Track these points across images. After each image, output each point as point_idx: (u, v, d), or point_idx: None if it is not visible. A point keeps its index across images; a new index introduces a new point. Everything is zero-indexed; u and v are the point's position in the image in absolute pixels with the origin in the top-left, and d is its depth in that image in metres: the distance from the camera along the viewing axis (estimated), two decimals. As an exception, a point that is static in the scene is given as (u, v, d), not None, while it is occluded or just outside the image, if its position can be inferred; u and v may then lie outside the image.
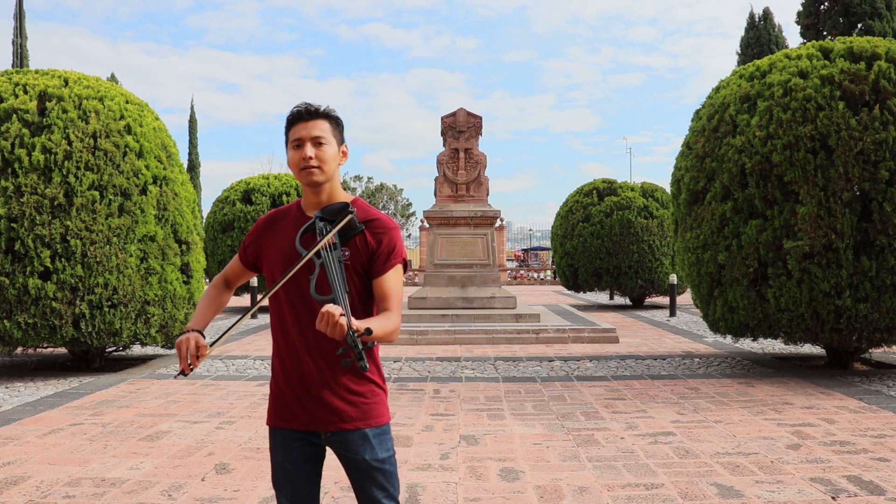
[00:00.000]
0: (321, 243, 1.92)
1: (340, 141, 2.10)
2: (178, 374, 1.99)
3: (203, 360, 1.97)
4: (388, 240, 2.03)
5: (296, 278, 1.96)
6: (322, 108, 2.06)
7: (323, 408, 2.00)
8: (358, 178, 59.40)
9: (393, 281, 2.02)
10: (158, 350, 9.20)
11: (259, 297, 1.95)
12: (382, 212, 2.19)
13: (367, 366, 1.74)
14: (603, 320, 12.36)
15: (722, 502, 3.63)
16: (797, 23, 26.95)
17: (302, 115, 2.04)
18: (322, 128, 2.04)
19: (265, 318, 14.33)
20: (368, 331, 1.76)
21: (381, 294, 2.01)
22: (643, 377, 7.35)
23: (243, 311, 15.64)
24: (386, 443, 2.06)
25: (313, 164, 2.01)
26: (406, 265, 2.13)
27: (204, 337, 2.04)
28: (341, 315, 1.71)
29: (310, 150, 2.01)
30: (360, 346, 1.74)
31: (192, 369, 1.98)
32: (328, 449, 2.09)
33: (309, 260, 1.94)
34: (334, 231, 1.95)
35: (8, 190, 6.78)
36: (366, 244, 2.01)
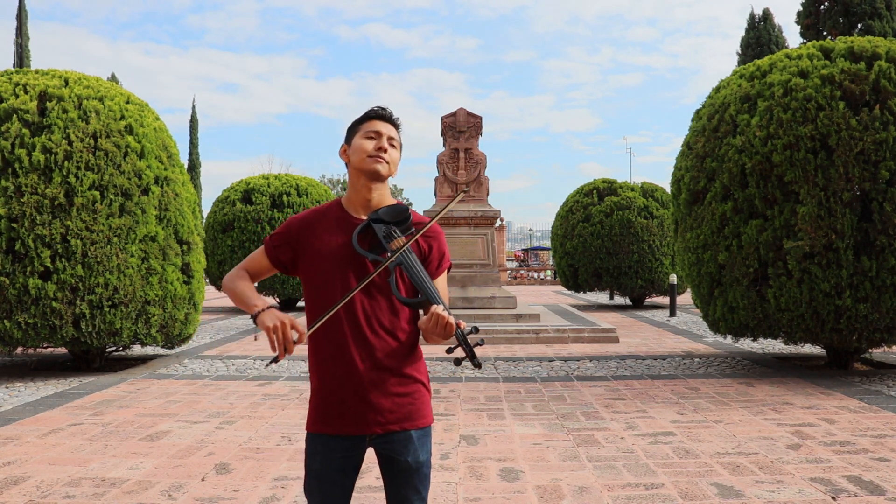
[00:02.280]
0: (407, 245, 1.93)
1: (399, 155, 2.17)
2: (271, 363, 1.88)
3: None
4: (438, 245, 2.08)
5: (359, 281, 1.94)
6: (400, 120, 2.13)
7: (371, 409, 1.98)
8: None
9: (442, 284, 2.09)
10: (158, 350, 9.20)
11: (338, 301, 1.94)
12: None
13: (481, 363, 1.79)
14: (603, 320, 12.36)
15: (722, 502, 3.63)
16: (797, 23, 26.95)
17: (385, 116, 2.09)
18: (395, 134, 2.10)
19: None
20: (475, 329, 1.82)
21: None
22: (643, 377, 7.35)
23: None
24: (427, 444, 2.05)
25: (384, 157, 2.04)
26: (449, 268, 2.17)
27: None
28: (449, 316, 1.78)
29: (385, 143, 2.05)
30: (471, 345, 1.78)
31: (286, 355, 1.83)
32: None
33: (379, 263, 1.93)
34: (419, 234, 1.99)
35: (8, 190, 6.78)
36: (418, 248, 2.04)
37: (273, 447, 4.70)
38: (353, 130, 2.10)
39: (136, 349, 9.31)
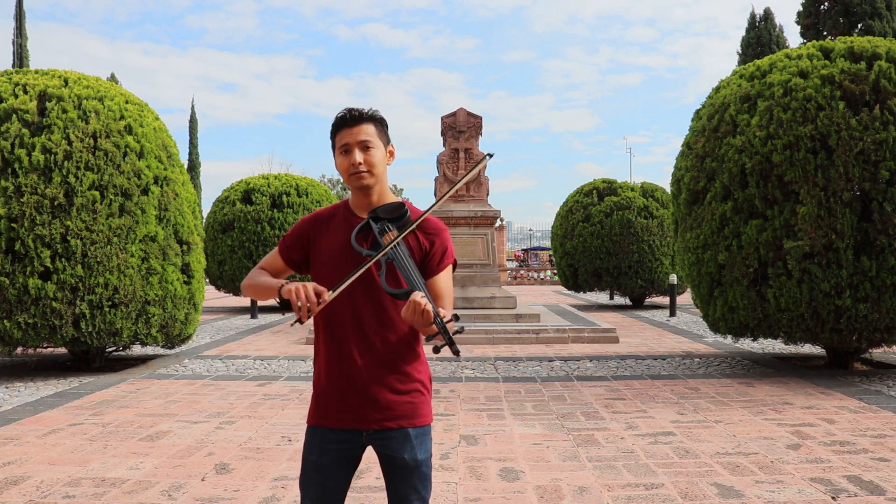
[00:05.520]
0: (396, 241, 1.94)
1: (387, 142, 2.11)
2: (295, 322, 1.93)
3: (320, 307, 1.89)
4: (440, 241, 2.08)
5: (359, 276, 1.96)
6: (366, 112, 2.07)
7: (369, 406, 2.01)
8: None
9: (446, 280, 2.08)
10: (158, 350, 9.20)
11: (329, 292, 1.94)
12: None
13: (460, 350, 1.78)
14: (603, 320, 12.36)
15: (722, 502, 3.63)
16: (797, 23, 26.98)
17: (346, 121, 2.05)
18: (368, 132, 2.05)
19: (265, 319, 14.33)
20: (456, 317, 1.83)
21: (436, 293, 2.05)
22: (643, 377, 7.35)
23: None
24: (426, 444, 2.06)
25: (363, 169, 2.03)
26: (455, 265, 2.16)
27: None
28: (427, 303, 1.78)
29: (358, 156, 2.03)
30: (450, 332, 1.78)
31: (309, 317, 1.88)
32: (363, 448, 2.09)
33: (370, 258, 1.95)
34: (410, 229, 1.99)
35: (8, 190, 6.78)
36: (419, 244, 2.05)
37: (273, 447, 4.70)
38: (332, 142, 2.10)
39: (136, 349, 9.31)
